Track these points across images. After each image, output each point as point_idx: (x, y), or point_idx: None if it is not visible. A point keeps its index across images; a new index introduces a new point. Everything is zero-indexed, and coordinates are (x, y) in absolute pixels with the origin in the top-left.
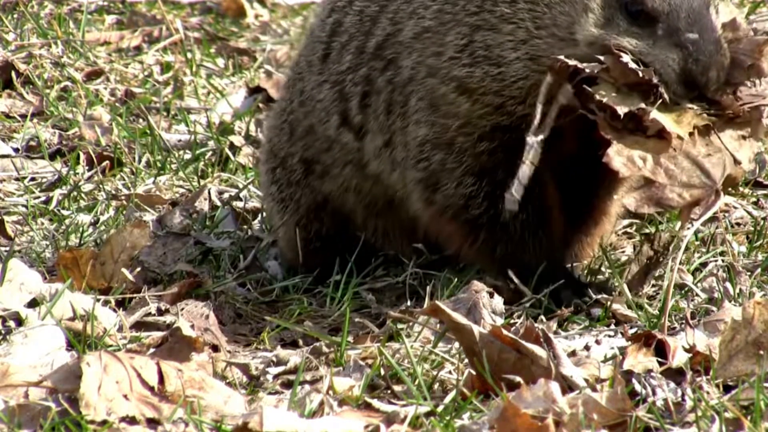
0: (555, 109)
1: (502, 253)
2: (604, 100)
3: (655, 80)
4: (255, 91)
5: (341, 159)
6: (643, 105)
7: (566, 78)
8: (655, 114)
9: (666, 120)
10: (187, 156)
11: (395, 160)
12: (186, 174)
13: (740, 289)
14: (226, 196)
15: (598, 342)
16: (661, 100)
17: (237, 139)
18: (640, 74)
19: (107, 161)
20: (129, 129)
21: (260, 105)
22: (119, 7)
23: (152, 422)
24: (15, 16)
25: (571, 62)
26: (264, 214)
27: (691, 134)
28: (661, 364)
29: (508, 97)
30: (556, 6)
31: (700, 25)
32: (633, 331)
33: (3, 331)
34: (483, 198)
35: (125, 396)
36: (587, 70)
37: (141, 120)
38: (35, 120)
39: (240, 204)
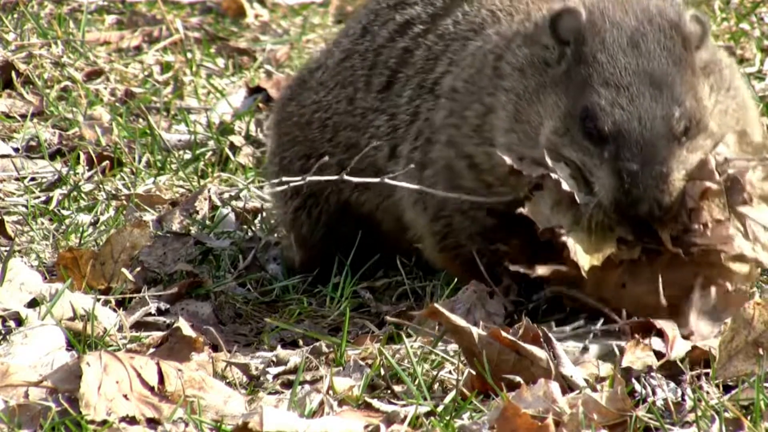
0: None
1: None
2: (524, 211)
3: (580, 201)
4: (255, 91)
5: (388, 189)
6: (561, 226)
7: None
8: (569, 238)
9: (579, 246)
10: (187, 156)
11: (411, 196)
12: (186, 174)
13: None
14: (226, 196)
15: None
16: (588, 222)
17: (237, 139)
18: (568, 192)
19: (107, 161)
20: (129, 129)
21: (260, 105)
22: (119, 7)
23: (152, 422)
24: (15, 16)
25: (515, 165)
26: (264, 214)
27: (604, 266)
28: (657, 357)
29: (496, 178)
30: (533, 105)
31: (645, 157)
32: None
33: (3, 331)
34: (488, 256)
35: (125, 396)
36: (532, 174)
37: (141, 120)
38: (35, 120)
39: (240, 204)
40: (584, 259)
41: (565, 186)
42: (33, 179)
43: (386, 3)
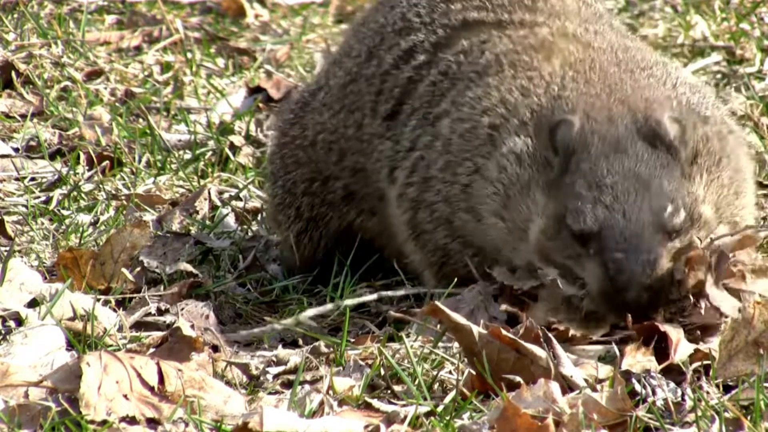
0: None
1: None
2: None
3: (569, 293)
4: (255, 91)
5: (393, 212)
6: (559, 320)
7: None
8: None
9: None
10: (187, 156)
11: (403, 229)
12: (186, 174)
13: None
14: (226, 196)
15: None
16: (582, 315)
17: (237, 139)
18: (562, 290)
19: (107, 161)
20: (129, 129)
21: (260, 105)
22: (119, 7)
23: (152, 422)
24: (15, 16)
25: (506, 282)
26: (264, 214)
27: None
28: (660, 359)
29: (486, 251)
30: (524, 198)
31: (630, 247)
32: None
33: (3, 331)
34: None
35: (125, 396)
36: (524, 288)
37: (141, 120)
38: (35, 120)
39: (240, 204)
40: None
41: (561, 285)
42: (33, 179)
43: (391, 27)
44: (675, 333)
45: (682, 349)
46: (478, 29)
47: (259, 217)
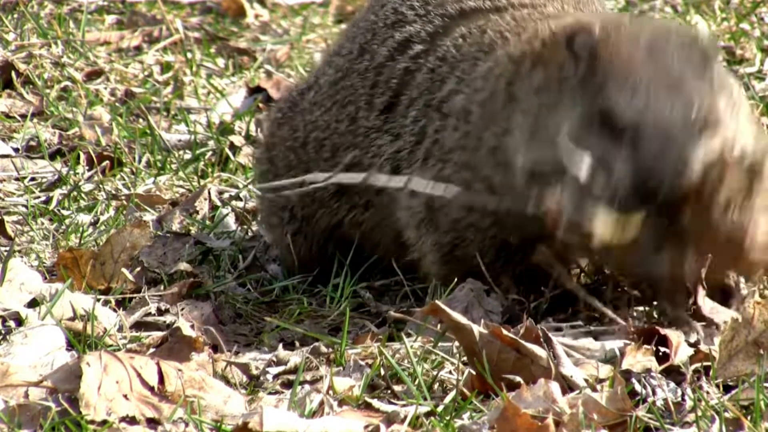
0: None
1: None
2: (549, 205)
3: (600, 191)
4: (255, 91)
5: (391, 208)
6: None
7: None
8: (597, 218)
9: (605, 225)
10: (187, 156)
11: (414, 215)
12: (186, 174)
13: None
14: (226, 196)
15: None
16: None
17: (237, 139)
18: (594, 185)
19: (107, 161)
20: (129, 129)
21: (260, 105)
22: (119, 7)
23: (152, 422)
24: (15, 16)
25: (528, 168)
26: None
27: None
28: (660, 361)
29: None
30: (551, 119)
31: (663, 143)
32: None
33: (3, 331)
34: (499, 268)
35: (125, 396)
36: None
37: (141, 120)
38: (35, 120)
39: (240, 204)
40: (608, 233)
41: (583, 176)
42: (33, 179)
43: (383, 22)
44: (675, 336)
45: (682, 351)
46: (475, 16)
47: (258, 217)
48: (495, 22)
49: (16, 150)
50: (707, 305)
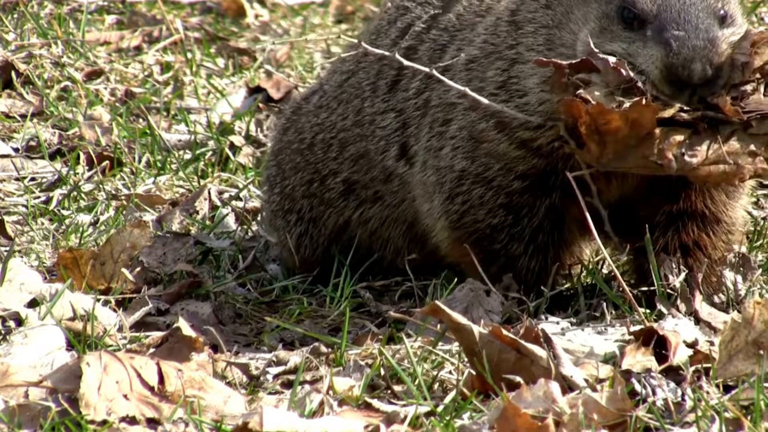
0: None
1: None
2: (588, 96)
3: (633, 75)
4: (255, 91)
5: (401, 192)
6: (623, 100)
7: (563, 86)
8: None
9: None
10: (187, 156)
11: (427, 185)
12: (186, 174)
13: (749, 286)
14: (226, 196)
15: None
16: (644, 97)
17: (237, 139)
18: (623, 72)
19: (107, 161)
20: (129, 129)
21: (260, 105)
22: (119, 7)
23: (152, 422)
24: (15, 16)
25: (562, 62)
26: (264, 214)
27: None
28: (660, 361)
29: (534, 128)
30: (564, 27)
31: (689, 24)
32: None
33: (3, 331)
34: (507, 230)
35: (125, 396)
36: (577, 56)
37: (141, 120)
38: (35, 120)
39: (240, 204)
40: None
41: (612, 63)
42: (33, 179)
43: (387, 21)
44: (674, 336)
45: (680, 352)
46: None
47: (259, 217)
48: None
49: (16, 150)
50: (705, 310)
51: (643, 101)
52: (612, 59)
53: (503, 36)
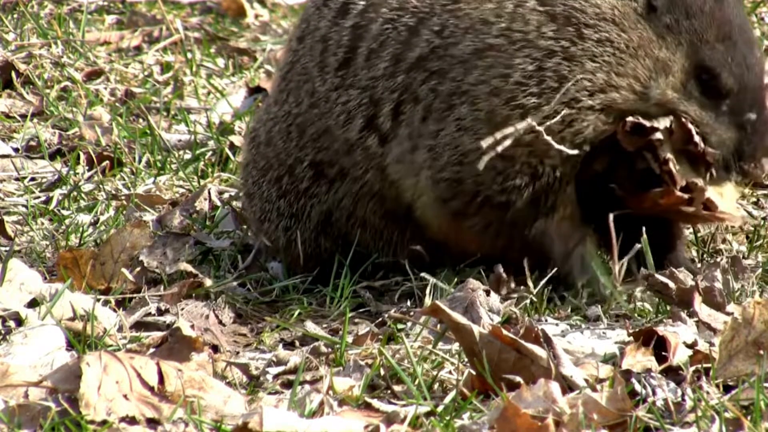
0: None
1: (514, 255)
2: (674, 169)
3: (710, 158)
4: (255, 91)
5: (363, 163)
6: (697, 180)
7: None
8: (709, 192)
9: (715, 196)
10: (187, 156)
11: (415, 163)
12: (186, 174)
13: (742, 285)
14: (226, 196)
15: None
16: (709, 176)
17: (237, 139)
18: (700, 149)
19: (107, 161)
20: (129, 129)
21: (260, 105)
22: (119, 7)
23: (152, 422)
24: (15, 16)
25: (644, 121)
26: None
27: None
28: (660, 362)
29: (570, 142)
30: (640, 59)
31: (758, 106)
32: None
33: (3, 331)
34: (501, 203)
35: (125, 396)
36: (656, 134)
37: (141, 120)
38: (35, 120)
39: (240, 204)
40: (725, 205)
41: (696, 137)
42: (33, 179)
43: (314, 6)
44: (673, 337)
45: (680, 352)
46: None
47: (254, 228)
48: None
49: (16, 150)
50: (704, 311)
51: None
52: (693, 128)
53: (535, 24)
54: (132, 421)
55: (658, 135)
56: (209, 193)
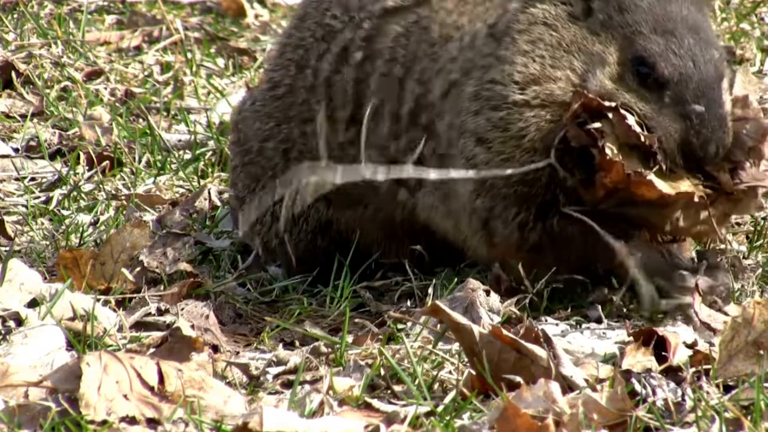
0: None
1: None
2: (615, 157)
3: (655, 147)
4: None
5: (384, 202)
6: (641, 168)
7: (574, 118)
8: (652, 178)
9: (663, 184)
10: (187, 156)
11: (451, 211)
12: (186, 174)
13: (742, 285)
14: (226, 196)
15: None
16: (657, 167)
17: None
18: (642, 138)
19: (107, 161)
20: (129, 129)
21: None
22: (119, 7)
23: (152, 422)
24: (15, 16)
25: (597, 99)
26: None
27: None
28: (660, 362)
29: (515, 146)
30: (575, 53)
31: (707, 99)
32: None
33: (3, 331)
34: (534, 223)
35: (125, 396)
36: (595, 124)
37: (141, 120)
38: (35, 120)
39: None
40: (664, 186)
41: (635, 128)
42: (33, 179)
43: (312, 38)
44: (673, 337)
45: (680, 352)
46: (403, 13)
47: (251, 235)
48: (431, 18)
49: (16, 150)
50: (704, 312)
51: (688, 186)
52: (632, 120)
53: (479, 45)
54: (132, 421)
55: (597, 124)
56: (209, 193)
